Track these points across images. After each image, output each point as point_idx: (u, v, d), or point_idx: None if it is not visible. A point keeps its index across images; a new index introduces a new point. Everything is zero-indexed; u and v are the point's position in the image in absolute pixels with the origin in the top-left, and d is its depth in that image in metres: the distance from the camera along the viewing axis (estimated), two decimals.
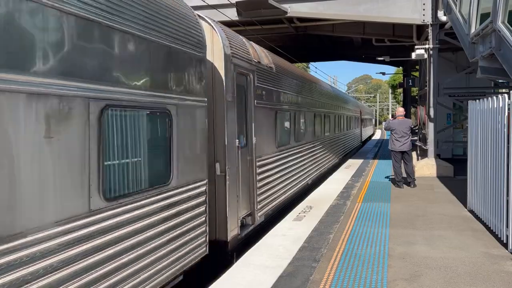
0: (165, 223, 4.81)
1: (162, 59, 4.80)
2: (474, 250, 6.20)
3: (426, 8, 13.70)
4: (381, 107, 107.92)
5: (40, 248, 3.10)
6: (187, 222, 5.32)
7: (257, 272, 5.38)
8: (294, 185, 11.07)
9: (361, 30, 18.39)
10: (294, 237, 6.88)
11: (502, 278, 5.11)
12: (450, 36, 13.66)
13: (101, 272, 3.70)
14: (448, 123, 18.10)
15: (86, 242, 3.54)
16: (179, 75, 5.21)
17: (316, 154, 14.24)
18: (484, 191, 7.53)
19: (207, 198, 5.90)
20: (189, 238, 5.37)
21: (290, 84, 10.96)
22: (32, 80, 3.06)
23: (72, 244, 3.40)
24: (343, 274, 5.30)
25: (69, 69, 3.41)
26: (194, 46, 5.57)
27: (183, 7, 5.55)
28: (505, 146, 6.31)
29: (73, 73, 3.44)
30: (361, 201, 9.82)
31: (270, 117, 9.15)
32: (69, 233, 3.38)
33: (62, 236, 3.31)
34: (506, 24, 7.34)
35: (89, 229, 3.60)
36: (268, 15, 15.04)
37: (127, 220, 4.12)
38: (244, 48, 7.72)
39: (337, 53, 27.31)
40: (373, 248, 6.32)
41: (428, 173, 13.61)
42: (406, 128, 11.36)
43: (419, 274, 5.25)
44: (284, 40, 21.67)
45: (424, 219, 8.07)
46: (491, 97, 7.11)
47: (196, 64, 5.65)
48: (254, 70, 8.05)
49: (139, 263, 4.28)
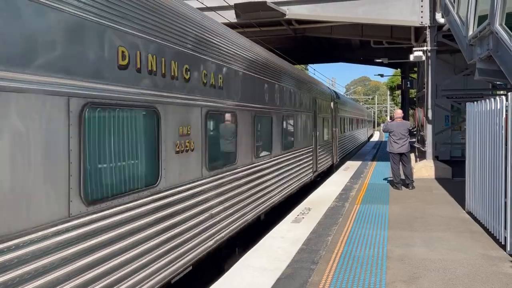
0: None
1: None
2: (472, 252, 6.20)
3: (424, 10, 13.74)
4: (380, 109, 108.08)
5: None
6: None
7: (256, 274, 5.37)
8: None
9: (359, 32, 18.43)
10: (292, 239, 6.87)
11: (500, 280, 5.11)
12: (448, 38, 13.71)
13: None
14: (446, 125, 18.14)
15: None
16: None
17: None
18: (482, 193, 7.54)
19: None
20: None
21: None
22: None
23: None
24: (341, 276, 5.30)
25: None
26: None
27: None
28: (503, 148, 6.32)
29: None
30: (359, 203, 9.82)
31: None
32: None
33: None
34: (503, 26, 7.37)
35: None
36: (266, 17, 15.06)
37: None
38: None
39: (335, 55, 27.34)
40: (371, 250, 6.32)
41: (426, 174, 13.63)
42: (404, 130, 11.39)
43: (418, 276, 5.25)
44: (282, 42, 21.70)
45: (423, 221, 8.08)
46: (489, 99, 7.12)
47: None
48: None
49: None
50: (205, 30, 6.02)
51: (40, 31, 3.21)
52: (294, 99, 11.51)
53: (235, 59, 7.05)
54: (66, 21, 3.46)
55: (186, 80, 5.43)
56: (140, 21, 4.46)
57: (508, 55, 7.21)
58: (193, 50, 5.62)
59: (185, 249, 5.31)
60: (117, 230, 4.02)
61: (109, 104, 3.98)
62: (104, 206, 3.87)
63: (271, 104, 9.24)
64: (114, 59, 4.03)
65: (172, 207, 5.05)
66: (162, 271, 4.76)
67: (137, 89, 4.38)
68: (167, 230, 4.90)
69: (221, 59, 6.50)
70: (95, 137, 3.81)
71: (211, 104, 6.13)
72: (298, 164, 11.87)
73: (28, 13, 3.10)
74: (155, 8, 4.76)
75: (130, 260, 4.19)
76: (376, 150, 27.26)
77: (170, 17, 5.12)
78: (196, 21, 5.83)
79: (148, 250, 4.52)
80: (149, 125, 4.73)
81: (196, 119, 5.71)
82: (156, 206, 4.72)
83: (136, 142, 4.45)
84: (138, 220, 4.38)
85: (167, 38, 4.97)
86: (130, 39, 4.26)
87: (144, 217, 4.48)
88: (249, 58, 7.89)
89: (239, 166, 7.22)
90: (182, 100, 5.34)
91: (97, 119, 3.86)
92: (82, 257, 3.55)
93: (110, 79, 3.97)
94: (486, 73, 8.82)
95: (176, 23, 5.25)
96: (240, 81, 7.35)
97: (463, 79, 16.88)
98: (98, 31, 3.82)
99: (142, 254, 4.41)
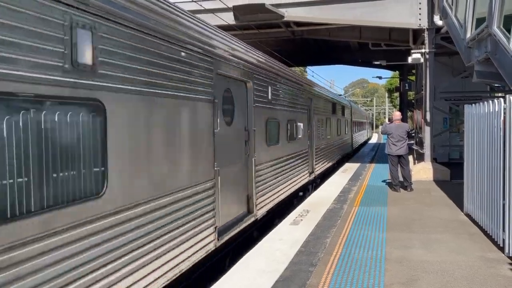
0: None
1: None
2: (470, 254, 6.20)
3: (422, 13, 13.77)
4: (378, 111, 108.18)
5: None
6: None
7: (254, 277, 5.36)
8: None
9: (357, 34, 18.47)
10: (291, 241, 6.86)
11: (498, 282, 5.11)
12: (446, 40, 13.74)
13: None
14: (445, 127, 18.17)
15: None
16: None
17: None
18: (480, 194, 7.54)
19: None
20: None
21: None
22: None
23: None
24: (340, 278, 5.29)
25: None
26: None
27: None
28: (501, 150, 6.33)
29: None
30: (358, 205, 9.82)
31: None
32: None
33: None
34: (501, 28, 7.39)
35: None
36: (265, 19, 15.08)
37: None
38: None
39: (334, 57, 27.37)
40: (370, 252, 6.32)
41: (424, 176, 13.63)
42: (402, 132, 11.41)
43: (416, 278, 5.25)
44: (281, 44, 21.72)
45: (421, 222, 8.08)
46: (487, 101, 7.14)
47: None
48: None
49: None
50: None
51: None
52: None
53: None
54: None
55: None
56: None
57: (506, 57, 7.23)
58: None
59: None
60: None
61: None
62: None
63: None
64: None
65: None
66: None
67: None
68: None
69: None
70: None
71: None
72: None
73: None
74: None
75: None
76: (374, 152, 27.28)
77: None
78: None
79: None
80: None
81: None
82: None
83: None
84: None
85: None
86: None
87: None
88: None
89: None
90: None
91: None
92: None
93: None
94: (484, 75, 8.84)
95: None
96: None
97: (461, 81, 16.92)
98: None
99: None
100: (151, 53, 4.54)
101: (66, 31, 3.37)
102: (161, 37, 4.73)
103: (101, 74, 3.74)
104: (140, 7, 4.40)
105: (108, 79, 3.82)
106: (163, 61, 4.76)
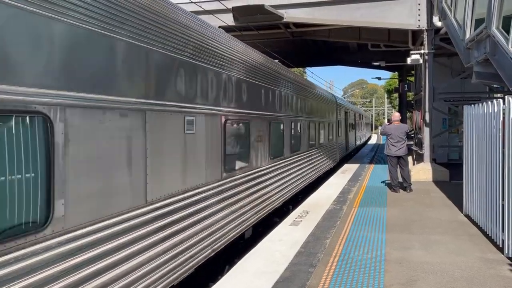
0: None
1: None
2: (470, 254, 6.21)
3: (421, 14, 13.79)
4: (377, 112, 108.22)
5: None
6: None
7: (254, 278, 5.36)
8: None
9: (357, 35, 18.47)
10: (290, 242, 6.87)
11: (498, 283, 5.12)
12: (445, 41, 13.75)
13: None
14: (444, 127, 18.17)
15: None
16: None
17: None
18: (479, 195, 7.55)
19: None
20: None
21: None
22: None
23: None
24: (339, 279, 5.30)
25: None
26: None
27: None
28: (500, 151, 6.34)
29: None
30: (357, 205, 9.83)
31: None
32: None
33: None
34: (500, 29, 7.39)
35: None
36: (264, 20, 15.09)
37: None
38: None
39: (333, 58, 27.39)
40: (369, 253, 6.32)
41: (424, 177, 13.64)
42: (402, 133, 11.43)
43: (416, 279, 5.26)
44: (280, 45, 21.73)
45: (421, 223, 8.08)
46: (486, 102, 7.15)
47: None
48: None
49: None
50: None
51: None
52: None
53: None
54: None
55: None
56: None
57: (505, 58, 7.24)
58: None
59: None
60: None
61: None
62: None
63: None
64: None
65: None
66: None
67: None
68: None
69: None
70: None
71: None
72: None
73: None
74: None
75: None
76: (374, 153, 27.30)
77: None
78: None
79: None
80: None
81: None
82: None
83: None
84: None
85: None
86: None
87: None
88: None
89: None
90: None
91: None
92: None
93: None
94: (483, 76, 8.84)
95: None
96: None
97: (460, 82, 16.92)
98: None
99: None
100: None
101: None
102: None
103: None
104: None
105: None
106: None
